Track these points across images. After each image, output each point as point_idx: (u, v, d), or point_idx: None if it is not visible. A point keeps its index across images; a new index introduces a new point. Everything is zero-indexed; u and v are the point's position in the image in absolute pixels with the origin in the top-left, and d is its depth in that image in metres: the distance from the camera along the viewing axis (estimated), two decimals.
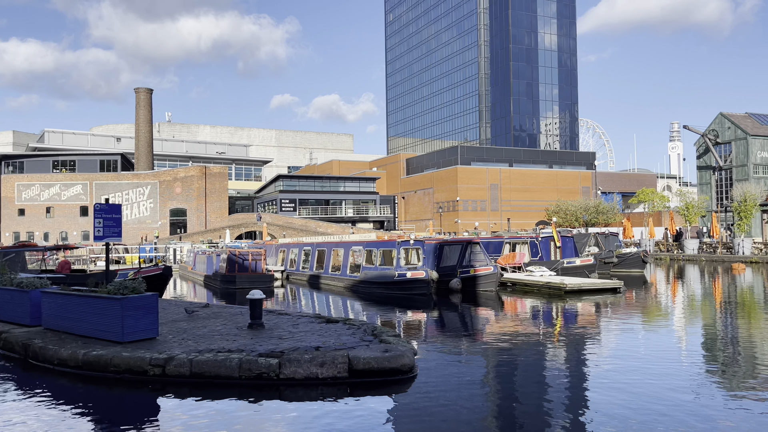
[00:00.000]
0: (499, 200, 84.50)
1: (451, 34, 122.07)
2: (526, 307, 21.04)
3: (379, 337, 11.25)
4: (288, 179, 78.98)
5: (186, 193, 64.34)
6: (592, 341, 14.59)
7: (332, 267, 30.59)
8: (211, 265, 32.72)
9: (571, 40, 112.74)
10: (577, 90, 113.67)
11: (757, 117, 62.76)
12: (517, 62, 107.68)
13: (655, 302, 22.92)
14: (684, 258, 47.51)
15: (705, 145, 62.88)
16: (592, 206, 72.64)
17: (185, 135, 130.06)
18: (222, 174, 66.57)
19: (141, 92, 72.99)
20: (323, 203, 75.88)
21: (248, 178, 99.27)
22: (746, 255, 43.49)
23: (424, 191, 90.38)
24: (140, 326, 11.32)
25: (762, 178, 58.10)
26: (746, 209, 51.69)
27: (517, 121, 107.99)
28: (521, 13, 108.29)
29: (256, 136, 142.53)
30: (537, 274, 27.51)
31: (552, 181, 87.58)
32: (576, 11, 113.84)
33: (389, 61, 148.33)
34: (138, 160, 72.21)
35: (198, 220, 64.24)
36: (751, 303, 22.14)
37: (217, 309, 16.51)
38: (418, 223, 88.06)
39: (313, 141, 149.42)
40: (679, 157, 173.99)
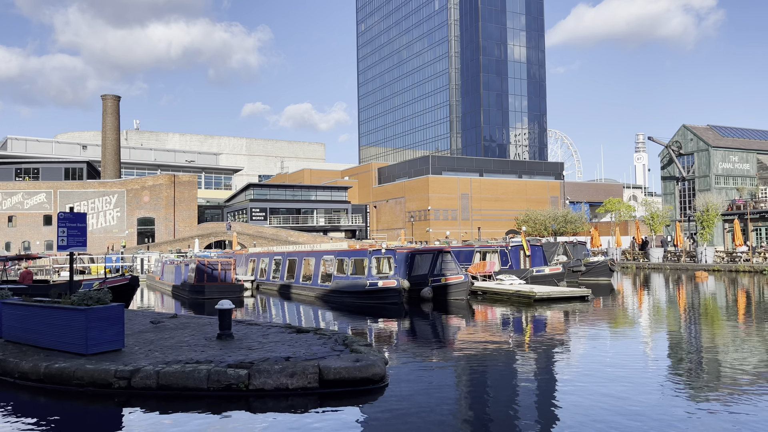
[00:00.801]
0: (470, 210, 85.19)
1: (423, 44, 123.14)
2: (496, 316, 21.20)
3: (350, 347, 11.20)
4: (259, 188, 78.35)
5: (154, 202, 63.31)
6: (561, 348, 14.76)
7: (303, 276, 30.39)
8: (179, 275, 32.20)
9: (539, 52, 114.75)
10: (546, 101, 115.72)
11: (719, 129, 64.65)
12: (487, 73, 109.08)
13: (622, 310, 23.32)
14: (649, 266, 48.50)
15: (669, 157, 64.48)
16: (560, 216, 73.76)
17: (154, 143, 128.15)
18: (191, 182, 65.72)
19: (108, 99, 71.76)
20: (294, 212, 75.45)
21: (218, 187, 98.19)
22: (709, 263, 44.62)
23: (396, 200, 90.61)
24: (105, 338, 11.07)
25: (723, 189, 59.78)
26: (708, 219, 53.09)
27: (488, 132, 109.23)
28: (491, 26, 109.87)
29: (226, 144, 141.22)
30: (507, 282, 27.77)
31: (521, 191, 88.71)
32: (545, 24, 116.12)
33: (361, 70, 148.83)
34: (105, 168, 70.85)
35: (166, 230, 63.23)
36: (714, 310, 22.70)
37: (185, 319, 16.24)
38: (390, 232, 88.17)
39: (284, 150, 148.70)
40: (645, 167, 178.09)
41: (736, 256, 45.48)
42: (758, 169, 61.36)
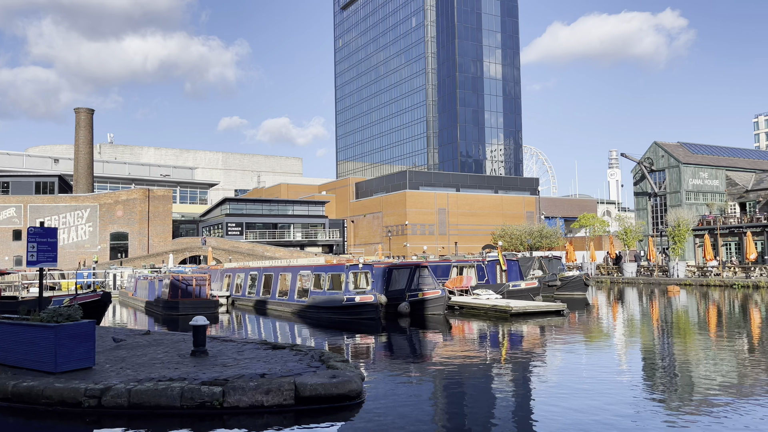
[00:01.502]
0: (447, 224, 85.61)
1: (400, 61, 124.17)
2: (473, 330, 21.25)
3: (327, 363, 11.12)
4: (235, 202, 77.74)
5: (128, 217, 62.40)
6: (537, 363, 14.83)
7: (279, 292, 30.14)
8: (153, 291, 31.69)
9: (515, 69, 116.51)
10: (521, 118, 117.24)
11: (689, 146, 66.17)
12: (463, 90, 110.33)
13: (597, 324, 23.57)
14: (623, 281, 49.16)
15: (641, 173, 65.72)
16: (536, 230, 74.50)
17: (128, 157, 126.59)
18: (166, 197, 64.96)
19: (81, 112, 70.80)
20: (271, 227, 74.95)
21: (193, 202, 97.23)
22: (681, 278, 45.39)
23: (373, 215, 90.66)
24: (75, 355, 10.81)
25: (694, 204, 61.06)
26: (680, 234, 54.13)
27: (464, 147, 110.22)
28: (467, 43, 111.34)
29: (202, 158, 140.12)
30: (483, 297, 27.89)
31: (498, 206, 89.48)
32: (520, 42, 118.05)
33: (338, 86, 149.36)
34: (77, 182, 69.69)
35: (140, 245, 62.29)
36: (685, 324, 23.07)
37: (158, 336, 15.96)
38: (368, 247, 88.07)
39: (261, 164, 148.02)
40: (618, 183, 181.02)
41: (706, 271, 46.36)
42: (727, 186, 62.85)
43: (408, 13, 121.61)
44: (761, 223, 52.88)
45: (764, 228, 52.73)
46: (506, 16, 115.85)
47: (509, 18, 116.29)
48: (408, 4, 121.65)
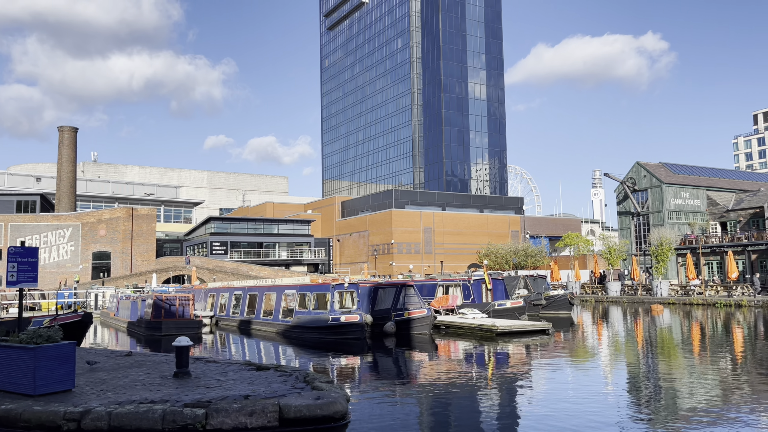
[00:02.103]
0: (433, 243, 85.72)
1: (386, 81, 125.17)
2: (459, 350, 21.19)
3: (312, 384, 11.01)
4: (219, 221, 77.26)
5: (111, 236, 61.73)
6: (523, 382, 14.81)
7: (264, 312, 29.88)
8: (135, 311, 31.26)
9: (499, 90, 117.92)
10: (506, 138, 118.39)
11: (670, 166, 67.14)
12: (448, 110, 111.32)
13: (582, 343, 23.62)
14: (608, 300, 49.42)
15: (624, 192, 66.48)
16: (521, 249, 74.79)
17: (112, 175, 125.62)
18: (150, 216, 64.44)
19: (65, 130, 70.30)
20: (256, 246, 74.51)
21: (178, 221, 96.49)
22: (664, 297, 45.74)
23: (359, 234, 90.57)
24: (55, 377, 10.60)
25: (676, 224, 61.78)
26: (662, 253, 54.64)
27: (449, 167, 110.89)
28: (452, 64, 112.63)
29: (187, 177, 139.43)
30: (469, 316, 27.87)
31: (483, 225, 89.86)
32: (504, 64, 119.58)
33: (325, 105, 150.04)
34: (59, 200, 68.93)
35: (123, 264, 61.57)
36: (670, 343, 23.20)
37: (140, 357, 15.71)
38: (354, 266, 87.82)
39: (246, 183, 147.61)
40: (601, 203, 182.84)
41: (689, 290, 46.78)
42: (708, 205, 63.74)
43: (394, 35, 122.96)
44: (742, 243, 53.58)
45: (745, 247, 53.42)
46: (490, 37, 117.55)
47: (493, 40, 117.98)
48: (394, 25, 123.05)
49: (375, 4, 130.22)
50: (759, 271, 51.93)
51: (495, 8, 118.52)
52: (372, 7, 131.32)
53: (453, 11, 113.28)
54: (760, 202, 57.09)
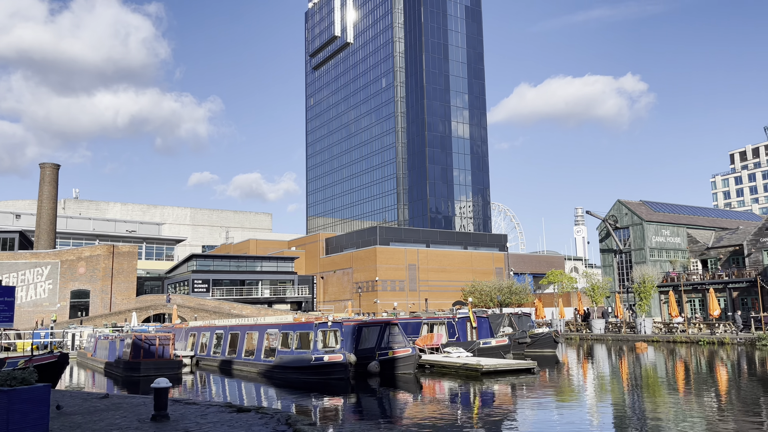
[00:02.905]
0: (417, 280, 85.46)
1: (370, 119, 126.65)
2: (444, 390, 20.92)
3: (294, 427, 10.77)
4: (202, 259, 76.47)
5: (90, 274, 60.74)
6: (508, 423, 14.61)
7: (246, 351, 29.37)
8: (113, 351, 30.55)
9: (482, 129, 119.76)
10: (489, 176, 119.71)
11: (651, 204, 68.15)
12: (432, 148, 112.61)
13: (568, 382, 23.46)
14: (592, 337, 49.36)
15: (606, 230, 67.18)
16: (505, 287, 74.85)
17: (93, 212, 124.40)
18: (131, 253, 63.65)
19: (46, 167, 69.78)
20: (239, 284, 73.69)
21: (160, 258, 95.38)
22: (648, 334, 45.81)
23: (343, 271, 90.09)
24: (28, 421, 10.25)
25: (658, 261, 62.35)
26: (645, 290, 54.96)
27: (433, 204, 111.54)
28: (435, 103, 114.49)
29: (170, 214, 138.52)
30: (454, 355, 27.62)
31: (467, 262, 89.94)
32: (486, 103, 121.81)
33: (310, 142, 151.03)
34: (38, 238, 67.91)
35: (102, 303, 60.44)
36: (654, 381, 23.13)
37: (117, 400, 15.29)
38: (338, 304, 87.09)
39: (230, 220, 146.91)
40: (584, 240, 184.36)
41: (673, 327, 46.93)
42: (688, 243, 64.54)
43: (378, 74, 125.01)
44: (723, 280, 54.13)
45: (726, 285, 53.95)
46: (473, 78, 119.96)
47: (476, 80, 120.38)
48: (378, 65, 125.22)
49: (360, 44, 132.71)
50: (740, 308, 52.35)
51: (477, 50, 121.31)
52: (357, 48, 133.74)
53: (436, 52, 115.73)
54: (739, 240, 57.95)
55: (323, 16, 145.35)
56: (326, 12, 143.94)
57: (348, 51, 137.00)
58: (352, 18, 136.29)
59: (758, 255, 53.62)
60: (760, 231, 54.19)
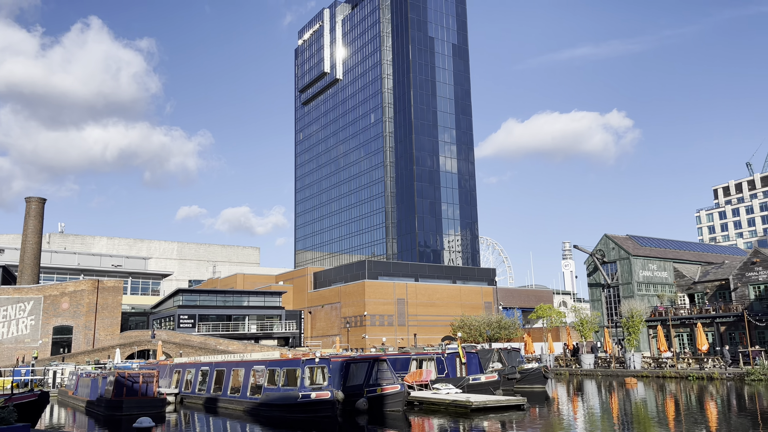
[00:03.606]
0: (406, 315, 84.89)
1: (359, 154, 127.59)
2: (433, 428, 20.61)
3: None
4: (188, 293, 75.62)
5: (74, 309, 59.77)
6: None
7: (231, 389, 28.85)
8: (95, 389, 29.87)
9: (469, 164, 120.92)
10: (477, 210, 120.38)
11: (637, 239, 68.68)
12: (420, 182, 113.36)
13: (558, 419, 23.21)
14: (582, 373, 49.05)
15: (594, 264, 67.43)
16: (494, 321, 74.52)
17: (79, 247, 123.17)
18: (116, 288, 62.85)
19: (32, 201, 69.26)
20: (225, 319, 72.80)
21: (145, 293, 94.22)
22: (637, 369, 45.62)
23: (331, 306, 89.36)
24: None
25: (645, 296, 62.53)
26: (634, 325, 54.98)
27: (422, 238, 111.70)
28: (424, 138, 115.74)
29: (156, 248, 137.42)
30: (443, 391, 27.30)
31: (456, 296, 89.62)
32: (474, 138, 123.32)
33: (298, 176, 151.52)
34: (22, 273, 66.93)
35: (85, 339, 59.33)
36: (645, 418, 22.95)
37: None
38: (325, 339, 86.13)
39: (217, 254, 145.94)
40: (572, 274, 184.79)
41: (662, 362, 46.80)
42: (675, 277, 64.87)
43: (367, 110, 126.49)
44: (710, 315, 54.31)
45: (713, 319, 54.12)
46: (460, 114, 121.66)
47: (463, 116, 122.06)
48: (367, 101, 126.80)
49: (349, 80, 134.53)
50: (728, 343, 52.41)
51: (464, 87, 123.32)
52: (346, 84, 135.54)
53: (424, 89, 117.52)
54: (725, 275, 58.37)
55: (313, 53, 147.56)
56: (316, 49, 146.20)
57: (337, 87, 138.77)
58: (341, 55, 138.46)
59: (744, 289, 53.98)
60: (745, 265, 54.67)
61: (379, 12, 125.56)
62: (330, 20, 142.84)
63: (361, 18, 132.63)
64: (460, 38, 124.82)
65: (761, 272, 52.83)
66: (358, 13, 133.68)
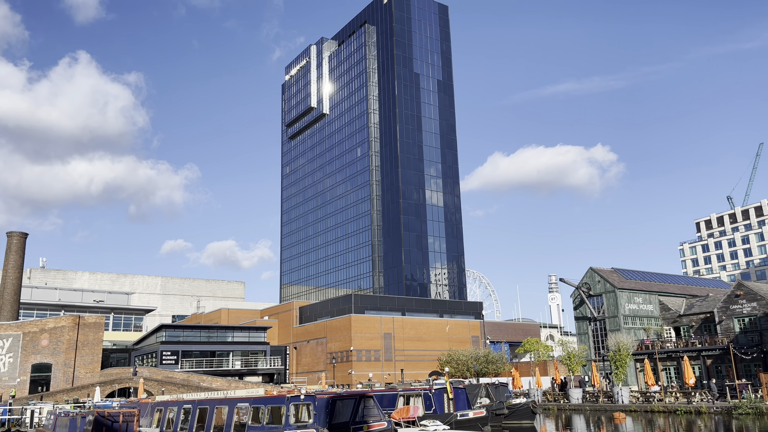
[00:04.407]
0: (393, 350, 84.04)
1: (346, 187, 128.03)
2: None
3: None
4: (171, 329, 74.35)
5: (53, 346, 58.48)
6: None
7: (214, 427, 28.17)
8: (74, 429, 29.02)
9: (455, 197, 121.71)
10: (463, 243, 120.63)
11: (623, 272, 69.07)
12: (407, 216, 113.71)
13: None
14: (570, 407, 48.63)
15: (580, 297, 67.57)
16: (482, 356, 74.00)
17: (60, 282, 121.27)
18: (98, 324, 61.73)
19: (14, 236, 68.35)
20: (209, 355, 71.52)
21: (128, 329, 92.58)
22: (625, 404, 45.34)
23: (317, 341, 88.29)
24: None
25: (632, 329, 62.59)
26: (621, 359, 54.86)
27: (409, 271, 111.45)
28: (410, 172, 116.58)
29: (140, 283, 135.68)
30: (431, 428, 26.90)
31: (443, 330, 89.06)
32: (459, 172, 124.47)
33: (285, 210, 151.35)
34: (1, 309, 65.57)
35: (65, 376, 57.92)
36: None
37: None
38: (311, 375, 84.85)
39: (201, 288, 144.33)
40: (559, 307, 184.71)
41: (650, 396, 46.59)
42: (661, 310, 65.12)
43: (353, 144, 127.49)
44: (696, 348, 54.42)
45: (699, 352, 54.20)
46: (446, 148, 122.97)
47: (449, 150, 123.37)
48: (353, 135, 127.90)
49: (335, 115, 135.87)
50: (715, 376, 52.39)
51: (449, 121, 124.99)
52: (332, 119, 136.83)
53: (410, 124, 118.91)
54: (709, 308, 58.70)
55: (300, 88, 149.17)
56: (303, 84, 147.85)
57: (324, 121, 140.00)
58: (328, 90, 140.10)
59: (729, 322, 54.26)
60: (729, 298, 55.06)
61: (366, 49, 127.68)
62: (317, 56, 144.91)
63: (347, 54, 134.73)
64: (445, 74, 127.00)
65: (745, 305, 53.21)
66: (345, 50, 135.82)
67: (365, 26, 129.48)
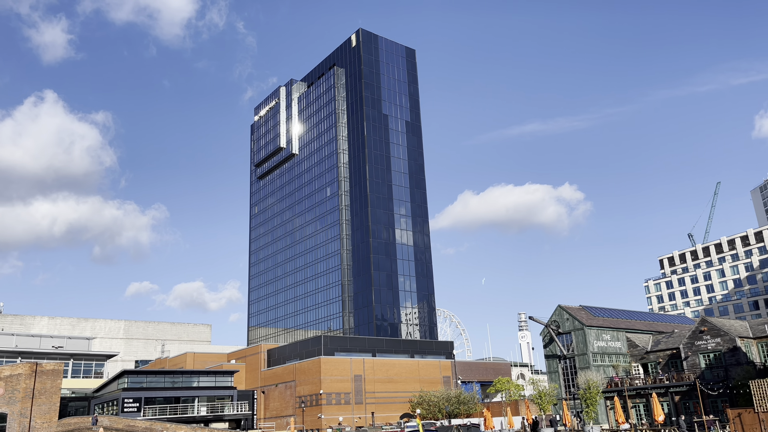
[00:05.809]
0: (364, 392, 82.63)
1: (315, 227, 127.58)
2: None
3: None
4: (134, 375, 71.85)
5: (9, 395, 55.85)
6: None
7: None
8: None
9: (425, 236, 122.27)
10: (434, 282, 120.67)
11: (590, 309, 69.80)
12: (377, 255, 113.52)
13: None
14: None
15: (549, 335, 67.85)
16: (453, 396, 73.27)
17: (17, 327, 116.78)
18: (56, 371, 59.32)
19: None
20: (173, 401, 69.08)
21: (88, 375, 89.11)
22: None
23: (285, 384, 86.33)
24: None
25: (601, 366, 62.94)
26: (591, 396, 54.96)
27: (379, 311, 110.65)
28: (379, 211, 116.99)
29: (101, 327, 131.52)
30: None
31: (414, 371, 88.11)
32: (429, 211, 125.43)
33: (253, 250, 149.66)
34: None
35: (20, 427, 55.17)
36: None
37: None
38: (279, 420, 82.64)
39: (166, 332, 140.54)
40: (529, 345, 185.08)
41: None
42: (628, 347, 65.76)
43: (323, 184, 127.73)
44: (664, 384, 54.90)
45: (668, 389, 54.68)
46: (415, 187, 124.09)
47: (418, 189, 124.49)
48: (323, 175, 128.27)
49: (305, 155, 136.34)
50: (683, 412, 52.79)
51: (418, 161, 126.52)
52: (302, 159, 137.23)
53: (379, 163, 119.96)
54: (675, 344, 59.53)
55: (269, 128, 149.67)
56: (272, 125, 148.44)
57: (293, 161, 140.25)
58: (297, 130, 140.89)
59: (695, 358, 55.03)
60: (694, 334, 55.98)
61: (335, 90, 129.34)
62: (286, 97, 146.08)
63: (316, 96, 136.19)
64: (413, 115, 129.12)
65: (709, 341, 54.14)
66: (314, 91, 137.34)
67: (334, 68, 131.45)
